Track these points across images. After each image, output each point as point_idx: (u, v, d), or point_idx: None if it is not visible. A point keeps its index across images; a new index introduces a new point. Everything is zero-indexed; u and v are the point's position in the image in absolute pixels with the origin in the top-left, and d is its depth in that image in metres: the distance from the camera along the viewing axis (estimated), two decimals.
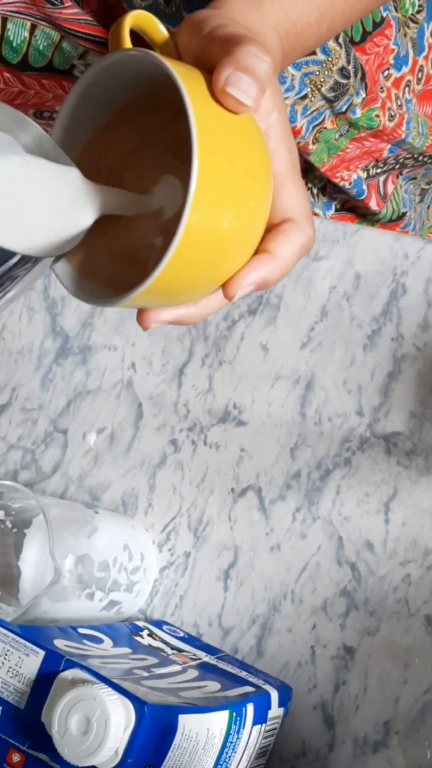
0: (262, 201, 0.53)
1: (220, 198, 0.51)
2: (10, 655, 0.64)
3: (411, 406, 0.76)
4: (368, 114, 0.86)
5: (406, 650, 0.73)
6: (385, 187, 0.94)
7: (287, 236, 0.55)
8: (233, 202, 0.52)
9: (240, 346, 0.82)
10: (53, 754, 0.61)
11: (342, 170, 0.89)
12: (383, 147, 0.90)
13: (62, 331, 0.88)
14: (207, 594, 0.80)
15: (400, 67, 0.87)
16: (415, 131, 0.90)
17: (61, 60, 0.74)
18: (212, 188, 0.50)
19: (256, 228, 0.54)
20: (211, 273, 0.53)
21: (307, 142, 0.85)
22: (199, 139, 0.49)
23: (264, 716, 0.71)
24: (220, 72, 0.51)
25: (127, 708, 0.61)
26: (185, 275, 0.52)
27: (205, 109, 0.50)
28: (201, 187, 0.49)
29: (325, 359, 0.80)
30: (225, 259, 0.53)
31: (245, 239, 0.53)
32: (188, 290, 0.54)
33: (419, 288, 0.78)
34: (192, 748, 0.64)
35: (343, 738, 0.74)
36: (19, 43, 0.72)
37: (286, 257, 0.55)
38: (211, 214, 0.50)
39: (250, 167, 0.53)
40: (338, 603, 0.76)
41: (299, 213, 0.56)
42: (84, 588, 0.75)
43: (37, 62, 0.74)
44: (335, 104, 0.83)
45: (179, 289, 0.53)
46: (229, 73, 0.51)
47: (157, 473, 0.83)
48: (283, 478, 0.79)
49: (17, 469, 0.88)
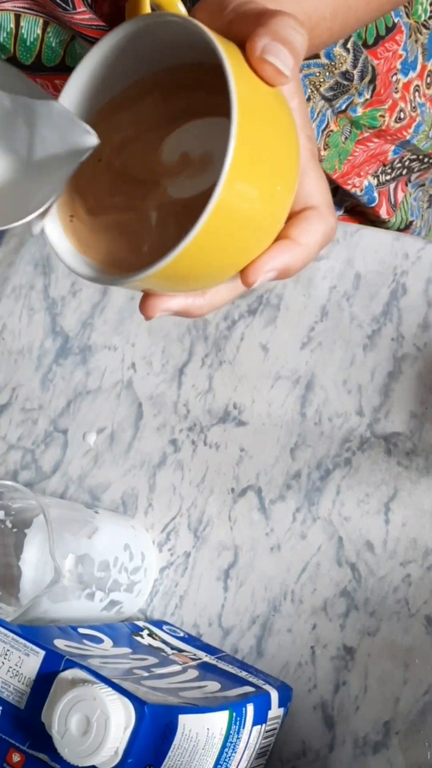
0: (292, 182, 0.51)
1: (254, 174, 0.48)
2: (10, 655, 0.64)
3: (411, 407, 0.76)
4: (371, 113, 0.86)
5: (406, 650, 0.73)
6: (395, 195, 0.94)
7: (310, 224, 0.53)
8: (266, 180, 0.49)
9: (240, 346, 0.82)
10: (53, 754, 0.61)
11: (353, 177, 0.89)
12: (387, 149, 0.90)
13: (62, 331, 0.88)
14: (207, 594, 0.80)
15: (407, 72, 0.87)
16: (424, 134, 0.90)
17: (72, 58, 0.74)
18: (248, 162, 0.47)
19: (283, 209, 0.51)
20: (234, 256, 0.51)
21: (318, 148, 0.84)
22: (239, 105, 0.47)
23: (264, 716, 0.71)
24: (256, 41, 0.49)
25: (127, 708, 0.61)
26: (207, 256, 0.49)
27: (243, 79, 0.48)
28: (237, 160, 0.47)
29: (325, 359, 0.79)
30: (249, 240, 0.51)
31: (272, 221, 0.51)
32: (206, 274, 0.51)
33: (419, 288, 0.78)
34: (192, 748, 0.64)
35: (343, 738, 0.73)
36: (33, 41, 0.72)
37: (309, 245, 0.53)
38: (244, 190, 0.48)
39: (284, 142, 0.50)
40: (338, 603, 0.76)
41: (322, 201, 0.54)
42: (84, 588, 0.75)
43: (50, 61, 0.74)
44: (334, 102, 0.83)
45: (197, 272, 0.50)
46: (267, 42, 0.49)
47: (157, 473, 0.83)
48: (283, 478, 0.79)
49: (17, 469, 0.88)
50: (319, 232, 0.54)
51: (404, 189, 0.95)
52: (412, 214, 0.97)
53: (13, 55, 0.73)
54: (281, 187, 0.51)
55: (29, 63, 0.73)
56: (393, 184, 0.94)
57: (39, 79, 0.75)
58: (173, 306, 0.53)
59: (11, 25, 0.71)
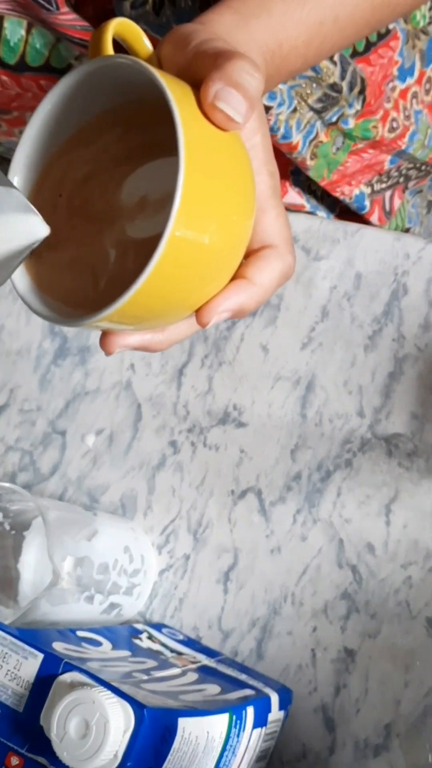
0: (246, 221, 0.52)
1: (205, 213, 0.49)
2: (8, 658, 0.63)
3: (412, 407, 0.76)
4: (364, 125, 0.85)
5: (407, 653, 0.73)
6: (391, 203, 0.94)
7: (267, 263, 0.53)
8: (217, 219, 0.50)
9: (240, 346, 0.82)
10: (52, 758, 0.61)
11: (343, 185, 0.89)
12: (383, 159, 0.90)
13: (60, 332, 0.88)
14: (207, 596, 0.79)
15: (404, 78, 0.87)
16: (419, 143, 0.90)
17: (58, 59, 0.74)
18: (197, 202, 0.48)
19: (237, 249, 0.52)
20: (189, 295, 0.51)
21: (304, 157, 0.84)
22: (186, 150, 0.47)
23: (264, 719, 0.70)
24: (209, 86, 0.49)
25: (127, 711, 0.60)
26: (161, 296, 0.50)
27: (193, 122, 0.49)
28: (186, 198, 0.47)
29: (326, 360, 0.79)
30: (204, 280, 0.51)
31: (226, 260, 0.51)
32: (161, 313, 0.52)
33: (420, 288, 0.78)
34: (192, 752, 0.63)
35: (344, 741, 0.73)
36: (17, 42, 0.72)
37: (265, 285, 0.53)
38: (195, 229, 0.49)
39: (235, 185, 0.51)
40: (339, 605, 0.75)
41: (280, 240, 0.54)
42: (83, 591, 0.74)
43: (35, 61, 0.73)
44: (324, 114, 0.83)
45: (152, 312, 0.51)
46: (219, 87, 0.49)
47: (157, 475, 0.83)
48: (283, 480, 0.79)
49: (15, 471, 0.88)
50: (275, 270, 0.54)
51: (401, 196, 0.95)
52: (410, 221, 0.96)
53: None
54: (233, 228, 0.51)
55: (13, 63, 0.73)
56: (389, 192, 0.93)
57: (23, 79, 0.75)
58: (132, 342, 0.53)
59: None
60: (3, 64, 0.74)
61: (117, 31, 0.53)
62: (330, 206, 0.93)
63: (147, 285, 0.48)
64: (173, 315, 0.52)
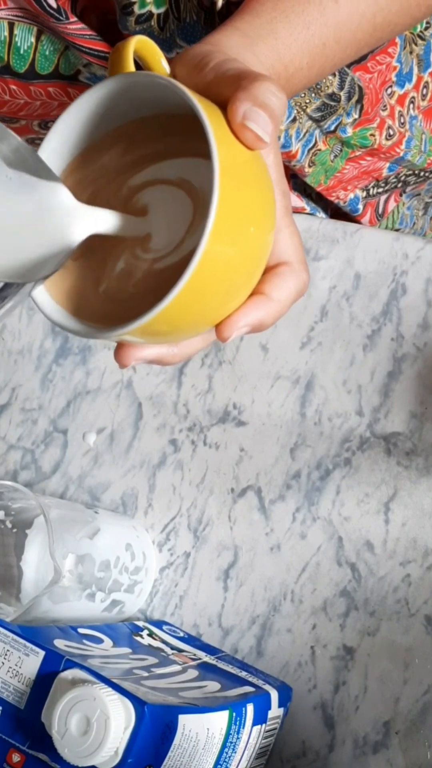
0: (269, 236, 0.53)
1: (236, 227, 0.50)
2: (9, 655, 0.64)
3: (411, 406, 0.76)
4: (362, 133, 0.85)
5: (406, 650, 0.73)
6: (385, 206, 0.94)
7: (283, 279, 0.54)
8: (246, 233, 0.51)
9: (240, 346, 0.82)
10: (53, 754, 0.61)
11: (339, 190, 0.89)
12: (382, 166, 0.90)
13: (62, 331, 0.88)
14: (207, 594, 0.80)
15: (402, 83, 0.87)
16: (416, 149, 0.90)
17: (66, 66, 0.74)
18: (230, 215, 0.49)
19: (261, 263, 0.53)
20: (215, 309, 0.52)
21: (303, 165, 0.84)
22: (220, 166, 0.48)
23: (264, 716, 0.70)
24: (237, 106, 0.50)
25: (127, 708, 0.61)
26: (190, 309, 0.50)
27: (223, 140, 0.50)
28: (221, 212, 0.48)
29: (325, 359, 0.79)
30: (230, 293, 0.52)
31: (251, 274, 0.53)
32: (186, 326, 0.52)
33: (419, 288, 0.78)
34: (192, 748, 0.64)
35: (343, 738, 0.73)
36: (27, 49, 0.72)
37: (282, 300, 0.54)
38: (227, 243, 0.49)
39: (261, 200, 0.52)
40: (338, 603, 0.76)
41: (295, 257, 0.55)
42: (84, 588, 0.75)
43: (44, 69, 0.74)
44: (322, 123, 0.83)
45: (178, 325, 0.51)
46: (247, 107, 0.50)
47: (157, 473, 0.83)
48: (283, 478, 0.79)
49: (17, 469, 0.88)
50: (291, 288, 0.55)
51: (397, 199, 0.95)
52: (401, 222, 0.96)
53: (7, 63, 0.73)
54: (259, 245, 0.52)
55: (23, 71, 0.73)
56: (384, 196, 0.94)
57: (32, 87, 0.75)
58: (147, 356, 0.54)
59: (5, 33, 0.71)
60: (13, 73, 0.74)
61: (137, 48, 0.53)
62: (323, 207, 0.93)
63: (179, 298, 0.48)
64: (196, 329, 0.53)
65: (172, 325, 0.51)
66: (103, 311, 0.54)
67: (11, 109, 0.77)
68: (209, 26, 0.72)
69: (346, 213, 0.92)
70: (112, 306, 0.54)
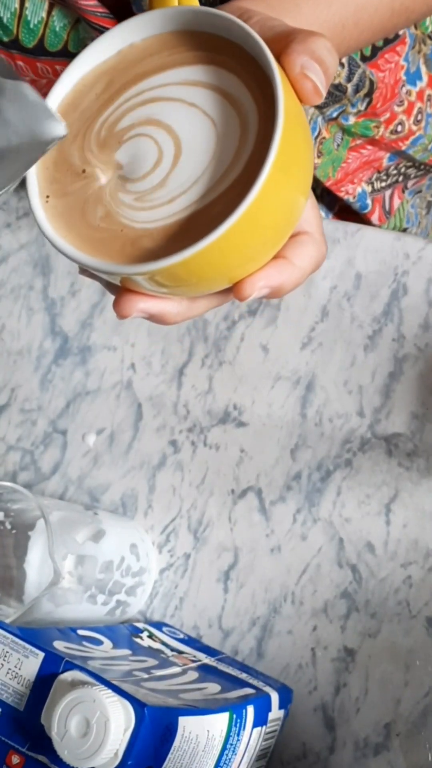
0: (307, 193, 0.52)
1: (286, 181, 0.49)
2: (9, 657, 0.63)
3: (412, 407, 0.76)
4: (364, 124, 0.85)
5: (407, 652, 0.73)
6: (391, 202, 0.94)
7: (305, 247, 0.54)
8: (293, 189, 0.50)
9: (240, 346, 0.82)
10: (53, 756, 0.61)
11: (347, 184, 0.89)
12: (382, 155, 0.90)
13: (61, 332, 0.88)
14: (207, 595, 0.79)
15: (414, 81, 0.87)
16: (422, 146, 0.90)
17: (75, 44, 0.74)
18: (284, 168, 0.48)
19: (296, 220, 0.52)
20: (244, 263, 0.51)
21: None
22: (285, 115, 0.47)
23: (264, 718, 0.70)
24: (294, 57, 0.50)
25: (127, 710, 0.61)
26: (222, 259, 0.48)
27: (284, 82, 0.49)
28: (276, 165, 0.47)
29: (326, 360, 0.79)
30: (264, 249, 0.51)
31: (287, 232, 0.52)
32: (212, 277, 0.50)
33: (420, 288, 0.78)
34: (192, 750, 0.64)
35: (344, 740, 0.73)
36: (36, 23, 0.72)
37: (302, 267, 0.54)
38: (282, 182, 0.48)
39: (307, 159, 0.51)
40: (339, 605, 0.75)
41: (315, 227, 0.55)
42: (85, 590, 0.74)
43: (53, 45, 0.73)
44: (325, 110, 0.83)
45: (205, 274, 0.49)
46: (305, 60, 0.50)
47: (157, 474, 0.83)
48: (283, 480, 0.79)
49: (16, 470, 0.88)
50: (312, 256, 0.55)
51: (401, 196, 0.95)
52: (408, 221, 0.96)
53: (16, 37, 0.72)
54: (302, 194, 0.51)
55: (31, 46, 0.73)
56: (389, 191, 0.94)
57: (39, 64, 0.75)
58: (151, 308, 0.52)
59: (16, 5, 0.71)
60: (21, 48, 0.73)
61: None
62: (329, 204, 0.93)
63: (228, 234, 0.47)
64: (220, 281, 0.51)
65: (202, 271, 0.49)
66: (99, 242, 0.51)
67: None
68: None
69: (355, 211, 0.92)
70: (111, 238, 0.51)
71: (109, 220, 0.51)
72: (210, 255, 0.48)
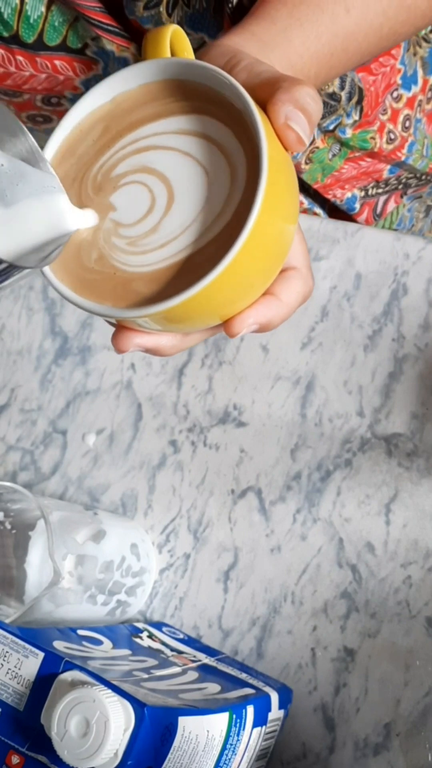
0: (292, 238, 0.53)
1: (271, 231, 0.50)
2: (9, 657, 0.63)
3: (412, 407, 0.76)
4: (361, 135, 0.86)
5: (407, 652, 0.73)
6: (384, 206, 0.94)
7: (291, 283, 0.55)
8: (281, 223, 0.51)
9: (240, 346, 0.82)
10: (53, 756, 0.61)
11: (336, 189, 0.89)
12: (382, 167, 0.90)
13: (61, 332, 0.88)
14: (207, 596, 0.79)
15: (409, 86, 0.87)
16: (418, 153, 0.90)
17: (74, 39, 0.74)
18: (267, 219, 0.49)
19: (282, 262, 0.54)
20: (231, 305, 0.52)
21: (299, 162, 0.85)
22: (269, 166, 0.49)
23: (264, 718, 0.70)
24: (279, 107, 0.51)
25: (127, 710, 0.60)
26: (209, 304, 0.50)
27: (269, 134, 0.50)
28: (261, 216, 0.49)
29: (326, 360, 0.79)
30: (251, 291, 0.52)
31: (272, 272, 0.53)
32: (205, 317, 0.52)
33: (420, 288, 0.78)
34: (192, 750, 0.63)
35: (344, 740, 0.73)
36: (36, 18, 0.72)
37: (290, 303, 0.55)
38: (268, 226, 0.50)
39: (292, 195, 0.53)
40: (339, 605, 0.75)
41: (302, 263, 0.56)
42: (86, 590, 0.74)
43: (52, 40, 0.74)
44: (321, 122, 0.83)
45: (198, 316, 0.52)
46: (289, 109, 0.51)
47: (157, 474, 0.83)
48: (283, 480, 0.79)
49: (16, 470, 0.88)
50: (299, 292, 0.56)
51: (398, 200, 0.95)
52: (400, 224, 0.96)
53: (16, 32, 0.73)
54: (289, 238, 0.53)
55: (31, 41, 0.73)
56: (384, 197, 0.94)
57: (39, 58, 0.75)
58: (147, 343, 0.54)
59: (16, 1, 0.71)
60: (21, 43, 0.74)
61: (171, 37, 0.54)
62: (320, 204, 0.93)
63: (219, 279, 0.48)
64: (206, 323, 0.53)
65: (191, 315, 0.51)
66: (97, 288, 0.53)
67: (16, 81, 0.77)
68: (218, 15, 0.72)
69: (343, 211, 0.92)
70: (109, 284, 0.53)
71: (102, 262, 0.53)
72: (198, 301, 0.49)
